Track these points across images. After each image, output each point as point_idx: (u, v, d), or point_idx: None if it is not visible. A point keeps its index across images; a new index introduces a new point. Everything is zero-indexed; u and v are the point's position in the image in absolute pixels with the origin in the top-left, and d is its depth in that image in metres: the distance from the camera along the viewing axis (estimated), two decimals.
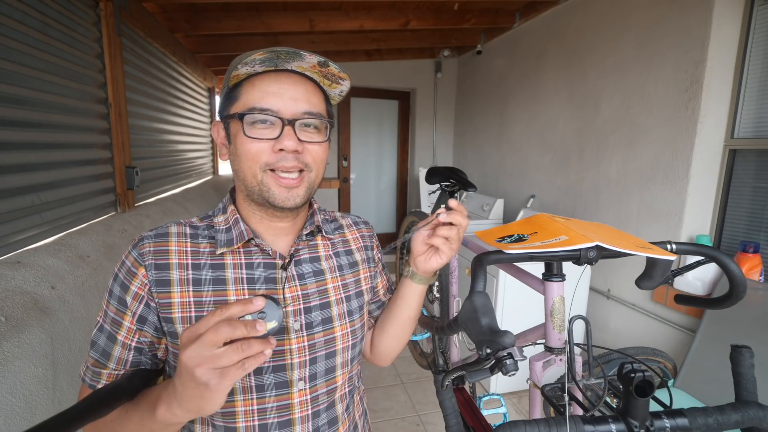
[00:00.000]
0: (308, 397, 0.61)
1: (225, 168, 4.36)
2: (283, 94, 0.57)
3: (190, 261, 0.59)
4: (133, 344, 0.58)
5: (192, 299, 0.58)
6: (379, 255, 0.79)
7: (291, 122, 0.57)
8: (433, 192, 1.80)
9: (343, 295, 0.67)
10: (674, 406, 0.50)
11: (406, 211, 4.59)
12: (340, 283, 0.68)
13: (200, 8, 2.44)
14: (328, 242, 0.70)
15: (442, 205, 0.65)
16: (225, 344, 0.41)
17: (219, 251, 0.60)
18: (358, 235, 0.75)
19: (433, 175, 1.66)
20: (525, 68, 2.97)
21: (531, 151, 2.91)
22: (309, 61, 0.57)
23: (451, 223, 0.63)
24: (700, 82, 1.72)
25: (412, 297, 0.72)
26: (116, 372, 0.58)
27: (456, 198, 1.61)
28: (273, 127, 0.57)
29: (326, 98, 0.64)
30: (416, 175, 4.01)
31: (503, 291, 2.07)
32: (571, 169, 2.50)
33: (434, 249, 0.67)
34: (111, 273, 0.60)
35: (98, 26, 1.61)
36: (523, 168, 3.01)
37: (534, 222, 0.71)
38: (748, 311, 1.53)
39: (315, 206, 0.71)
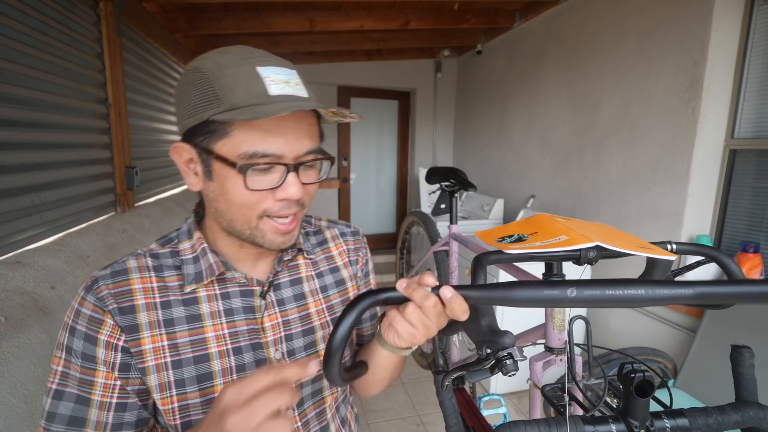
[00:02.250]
0: (299, 423, 0.59)
1: None
2: (287, 134, 0.48)
3: (158, 299, 0.52)
4: (114, 401, 0.50)
5: (166, 343, 0.51)
6: (371, 266, 0.74)
7: (295, 168, 0.49)
8: (433, 192, 1.81)
9: (328, 318, 0.63)
10: (674, 407, 0.50)
11: (406, 211, 4.59)
12: (324, 305, 0.63)
13: (200, 8, 2.44)
14: (309, 261, 0.64)
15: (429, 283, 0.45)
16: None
17: (188, 289, 0.53)
18: (345, 248, 0.69)
19: (433, 175, 1.66)
20: (525, 68, 2.97)
21: (531, 151, 2.91)
22: (328, 109, 0.50)
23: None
24: (700, 83, 1.72)
25: (378, 359, 0.58)
26: None
27: (456, 199, 1.61)
28: (273, 171, 0.49)
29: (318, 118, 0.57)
30: (416, 175, 4.01)
31: None
32: (571, 170, 2.50)
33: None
34: None
35: (98, 26, 1.61)
36: (523, 168, 3.01)
37: (534, 222, 0.71)
38: (748, 311, 1.53)
39: None
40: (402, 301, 0.44)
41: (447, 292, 0.42)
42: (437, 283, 0.44)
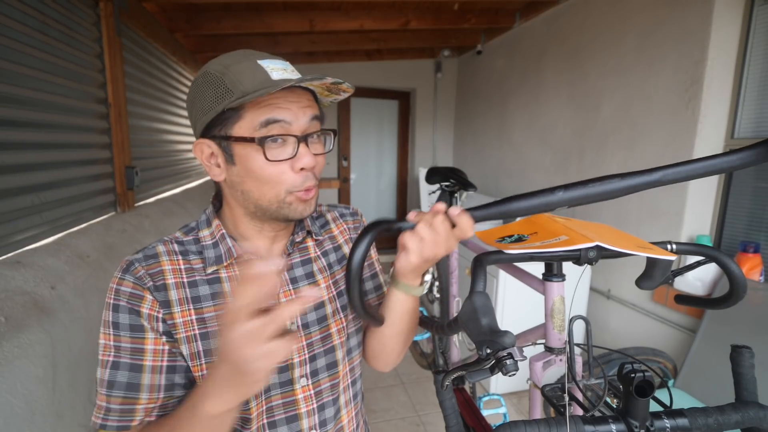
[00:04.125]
0: (312, 392, 0.63)
1: None
2: (291, 107, 0.55)
3: (185, 279, 0.58)
4: (165, 364, 0.55)
5: (194, 317, 0.57)
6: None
7: (304, 139, 0.56)
8: (433, 192, 1.80)
9: (335, 293, 0.68)
10: (674, 407, 0.50)
11: (406, 211, 4.59)
12: (331, 281, 0.69)
13: (200, 8, 2.44)
14: (316, 243, 0.70)
15: (443, 203, 0.54)
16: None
17: (209, 270, 0.59)
18: (345, 227, 0.75)
19: (433, 175, 1.66)
20: (525, 68, 2.97)
21: (531, 152, 2.91)
22: (324, 81, 0.55)
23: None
24: (700, 83, 1.72)
25: (393, 304, 0.63)
26: (151, 405, 0.54)
27: (456, 199, 1.61)
28: (285, 144, 0.56)
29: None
30: (416, 175, 4.01)
31: (503, 291, 2.07)
32: (571, 170, 2.50)
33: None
34: (111, 273, 0.59)
35: (98, 26, 1.61)
36: (523, 168, 3.01)
37: (534, 222, 0.71)
38: (749, 311, 1.53)
39: None
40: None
41: (454, 210, 0.51)
42: (445, 208, 0.52)
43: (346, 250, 0.73)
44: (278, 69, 0.55)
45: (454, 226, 0.52)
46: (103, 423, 0.54)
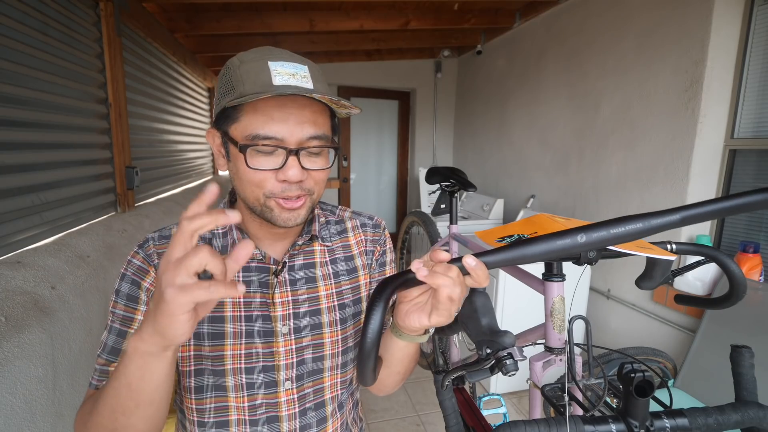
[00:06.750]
0: (295, 396, 0.63)
1: None
2: (288, 119, 0.53)
3: None
4: None
5: None
6: (390, 257, 0.74)
7: (296, 152, 0.54)
8: (433, 192, 1.81)
9: (336, 303, 0.66)
10: (674, 406, 0.50)
11: (406, 211, 4.59)
12: (334, 290, 0.67)
13: (200, 8, 2.44)
14: (325, 249, 0.68)
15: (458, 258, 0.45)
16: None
17: None
18: (362, 238, 0.72)
19: (433, 175, 1.66)
20: (525, 68, 2.97)
21: (531, 151, 2.91)
22: (322, 95, 0.54)
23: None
24: (700, 83, 1.72)
25: (395, 351, 0.59)
26: None
27: (456, 199, 1.61)
28: (276, 154, 0.54)
29: (332, 113, 0.61)
30: (416, 175, 4.01)
31: (503, 291, 2.07)
32: (571, 169, 2.50)
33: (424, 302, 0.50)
34: (111, 273, 0.61)
35: (98, 26, 1.61)
36: (523, 168, 3.01)
37: (534, 222, 0.71)
38: (748, 311, 1.53)
39: (316, 211, 0.69)
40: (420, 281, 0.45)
41: (470, 261, 0.43)
42: (450, 257, 0.45)
43: (359, 262, 0.70)
44: (285, 73, 0.53)
45: (465, 273, 0.45)
46: (90, 381, 0.59)
